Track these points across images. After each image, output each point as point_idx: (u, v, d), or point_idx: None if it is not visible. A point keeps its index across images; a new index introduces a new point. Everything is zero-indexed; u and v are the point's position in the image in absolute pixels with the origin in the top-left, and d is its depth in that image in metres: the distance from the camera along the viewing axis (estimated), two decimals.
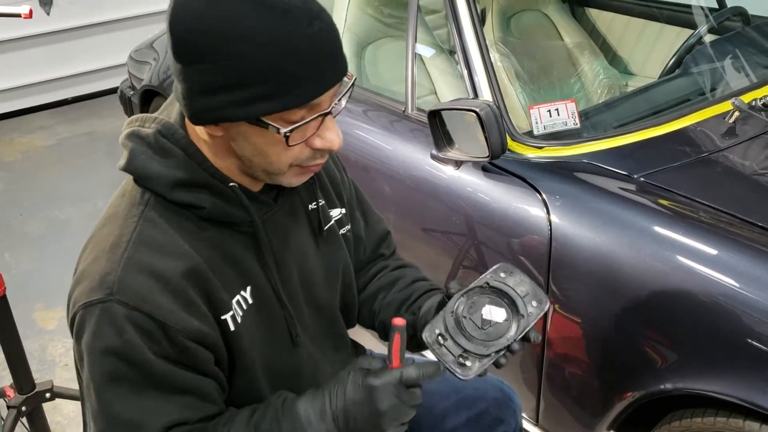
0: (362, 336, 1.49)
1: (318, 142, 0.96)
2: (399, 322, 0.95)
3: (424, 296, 1.24)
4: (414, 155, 1.96)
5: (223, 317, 1.00)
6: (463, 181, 1.82)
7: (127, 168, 0.99)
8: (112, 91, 4.86)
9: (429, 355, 1.06)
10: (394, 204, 2.04)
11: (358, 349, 1.38)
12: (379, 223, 1.37)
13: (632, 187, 1.60)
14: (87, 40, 4.99)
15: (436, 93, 2.25)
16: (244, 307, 1.03)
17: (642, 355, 1.49)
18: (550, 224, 1.61)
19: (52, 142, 4.61)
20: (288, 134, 0.90)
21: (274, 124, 0.90)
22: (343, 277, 1.23)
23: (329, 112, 0.94)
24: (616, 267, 1.49)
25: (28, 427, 2.01)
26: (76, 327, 0.95)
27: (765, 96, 1.76)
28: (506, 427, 1.37)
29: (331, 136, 0.96)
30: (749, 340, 1.30)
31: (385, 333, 1.25)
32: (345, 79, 0.94)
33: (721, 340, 1.35)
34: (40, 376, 2.49)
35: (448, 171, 1.86)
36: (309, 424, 0.98)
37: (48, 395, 1.99)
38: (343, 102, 0.97)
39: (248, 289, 1.04)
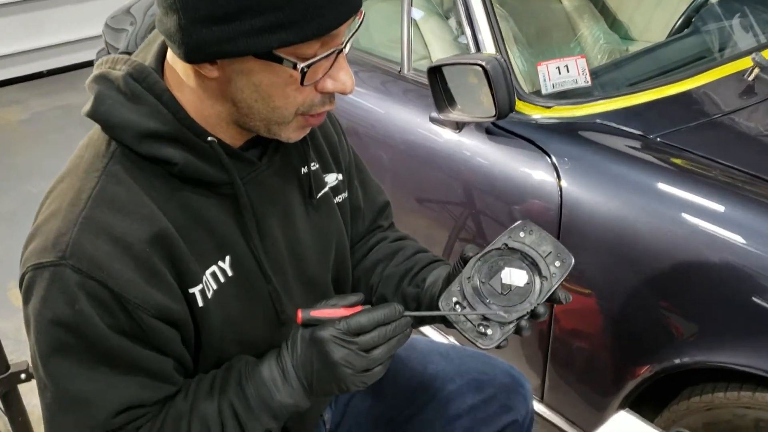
0: None
1: (330, 84, 0.85)
2: None
3: (427, 268, 1.13)
4: (411, 118, 1.84)
5: (190, 291, 0.88)
6: (465, 145, 1.70)
7: (92, 114, 0.86)
8: (88, 63, 4.71)
9: (428, 331, 0.94)
10: (389, 172, 1.92)
11: None
12: (379, 194, 1.26)
13: (649, 148, 1.50)
14: (63, 9, 4.81)
15: (430, 58, 2.14)
16: (221, 280, 0.92)
17: (658, 327, 1.39)
18: (560, 190, 1.50)
19: (25, 116, 4.46)
20: (306, 69, 0.79)
21: (289, 58, 0.78)
22: (336, 249, 1.11)
23: (343, 49, 0.82)
24: (631, 233, 1.39)
25: (2, 409, 1.90)
26: (24, 289, 0.84)
27: None
28: (515, 414, 1.27)
29: (344, 77, 0.85)
30: None
31: None
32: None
33: (745, 309, 1.25)
34: (15, 357, 2.37)
35: (447, 135, 1.74)
36: (274, 385, 0.90)
37: (23, 376, 1.88)
38: (348, 46, 0.85)
39: (227, 259, 0.92)
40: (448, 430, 1.26)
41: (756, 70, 1.62)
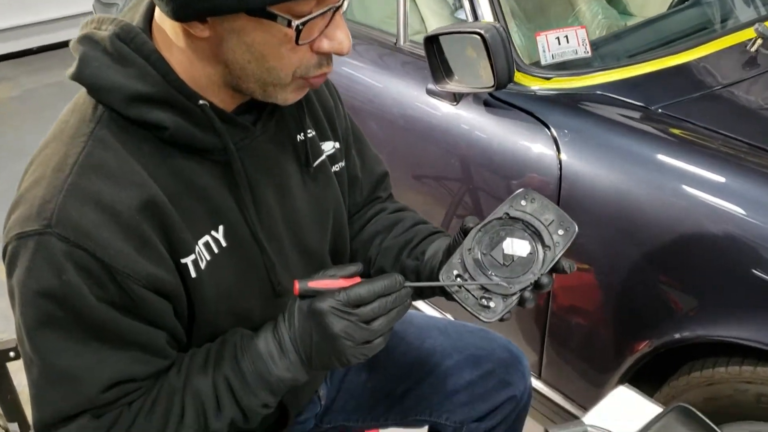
0: None
1: (326, 44, 0.81)
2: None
3: (426, 240, 1.10)
4: (407, 91, 1.81)
5: (182, 261, 0.85)
6: (463, 118, 1.67)
7: (77, 77, 0.82)
8: None
9: (425, 307, 0.92)
10: (385, 145, 1.88)
11: None
12: (377, 164, 1.22)
13: (650, 119, 1.47)
14: None
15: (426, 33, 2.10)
16: (215, 250, 0.89)
17: (658, 301, 1.37)
18: (560, 163, 1.47)
19: (16, 93, 4.40)
20: (301, 27, 0.75)
21: (284, 15, 0.74)
22: (334, 219, 1.08)
23: (340, 5, 0.79)
24: (632, 206, 1.36)
25: None
26: (8, 259, 0.80)
27: None
28: (514, 390, 1.25)
29: (341, 37, 0.81)
30: None
31: None
32: None
33: (747, 282, 1.23)
34: (5, 335, 2.35)
35: (445, 108, 1.71)
36: (271, 359, 0.87)
37: (12, 354, 1.85)
38: (346, 4, 0.81)
39: (221, 229, 0.89)
40: (445, 406, 1.24)
41: (759, 41, 1.60)
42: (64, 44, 4.97)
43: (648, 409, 1.11)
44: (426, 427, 1.33)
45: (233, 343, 0.89)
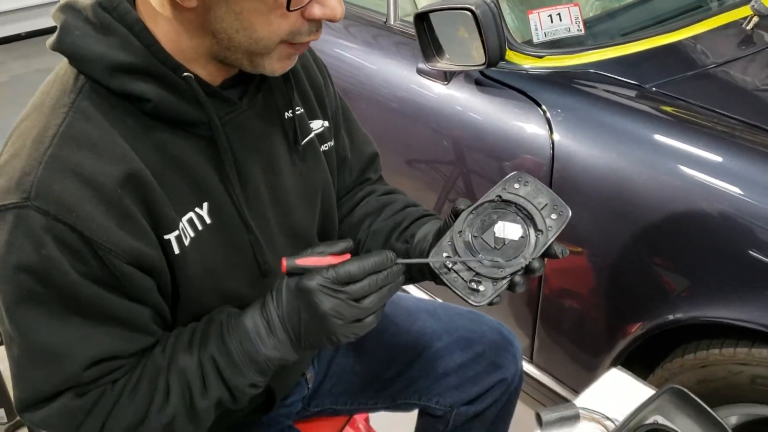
0: None
1: (317, 10, 0.78)
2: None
3: (417, 222, 1.07)
4: (397, 71, 1.77)
5: (165, 237, 0.82)
6: (454, 97, 1.64)
7: (58, 46, 0.79)
8: None
9: (412, 289, 0.90)
10: (375, 127, 1.85)
11: None
12: (367, 144, 1.19)
13: (644, 97, 1.44)
14: None
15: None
16: (199, 227, 0.86)
17: (651, 282, 1.35)
18: (552, 143, 1.44)
19: (4, 78, 4.35)
20: None
21: None
22: (323, 200, 1.05)
23: None
24: (626, 186, 1.34)
25: None
26: None
27: None
28: (504, 373, 1.23)
29: (333, 2, 0.78)
30: None
31: None
32: None
33: (742, 262, 1.21)
34: None
35: (436, 88, 1.68)
36: (259, 338, 0.85)
37: None
38: None
39: (205, 206, 0.86)
40: (435, 389, 1.23)
41: (755, 19, 1.57)
42: (52, 29, 4.91)
43: (641, 391, 1.09)
44: (416, 411, 1.31)
45: (219, 322, 0.86)
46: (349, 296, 0.80)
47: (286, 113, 0.97)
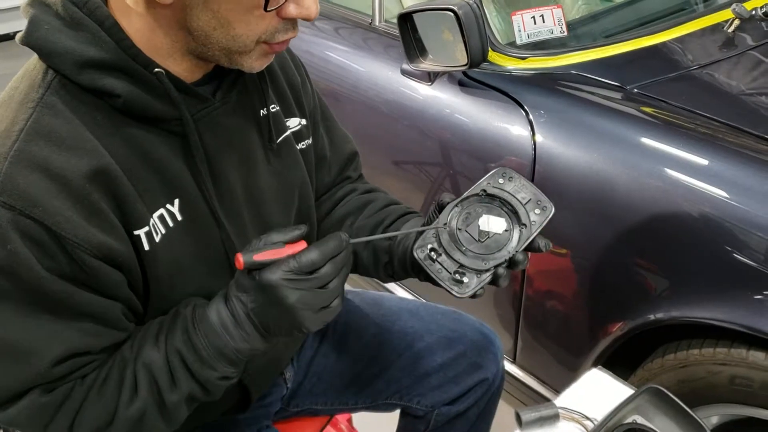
0: None
1: (293, 9, 0.78)
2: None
3: (400, 220, 1.07)
4: (381, 72, 1.77)
5: (136, 232, 0.82)
6: (437, 98, 1.64)
7: (26, 41, 0.78)
8: None
9: (395, 289, 0.89)
10: (358, 128, 1.85)
11: None
12: (346, 142, 1.19)
13: (626, 99, 1.45)
14: None
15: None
16: (170, 224, 0.85)
17: (632, 283, 1.36)
18: (534, 144, 1.45)
19: None
20: None
21: None
22: (300, 200, 1.05)
23: None
24: (607, 187, 1.34)
25: None
26: None
27: (766, 5, 1.61)
28: (485, 373, 1.23)
29: (308, 2, 0.78)
30: (750, 261, 1.18)
31: (352, 262, 1.10)
32: None
33: (722, 262, 1.22)
34: None
35: (420, 89, 1.68)
36: (226, 331, 0.83)
37: None
38: None
39: (176, 202, 0.86)
40: (416, 389, 1.22)
41: (736, 22, 1.58)
42: None
43: (621, 391, 1.10)
44: (397, 411, 1.30)
45: (185, 316, 0.85)
46: (314, 284, 0.79)
47: (262, 111, 0.96)
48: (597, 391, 1.11)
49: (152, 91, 0.80)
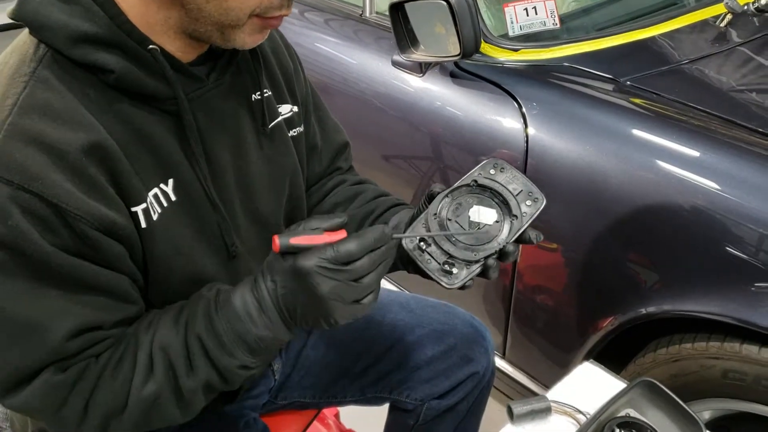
0: None
1: None
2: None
3: (390, 211, 1.06)
4: (372, 63, 1.75)
5: (133, 209, 0.80)
6: (428, 90, 1.62)
7: (17, 14, 0.76)
8: None
9: (382, 283, 0.88)
10: (349, 118, 1.83)
11: None
12: (337, 132, 1.17)
13: (619, 91, 1.44)
14: None
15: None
16: (165, 204, 0.83)
17: (624, 276, 1.35)
18: (527, 136, 1.43)
19: None
20: None
21: None
22: (290, 189, 1.03)
23: None
24: (600, 180, 1.33)
25: None
26: None
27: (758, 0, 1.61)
28: (476, 366, 1.21)
29: None
30: (743, 253, 1.17)
31: None
32: None
33: (715, 255, 1.21)
34: None
35: (411, 81, 1.66)
36: (249, 318, 0.80)
37: None
38: None
39: (170, 182, 0.84)
40: (406, 383, 1.20)
41: (728, 16, 1.57)
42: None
43: (613, 384, 1.09)
44: (386, 406, 1.29)
45: (207, 299, 0.83)
46: (349, 276, 0.76)
47: (254, 95, 0.94)
48: (589, 384, 1.10)
49: (146, 68, 0.78)
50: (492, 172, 0.89)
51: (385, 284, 2.02)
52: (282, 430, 1.21)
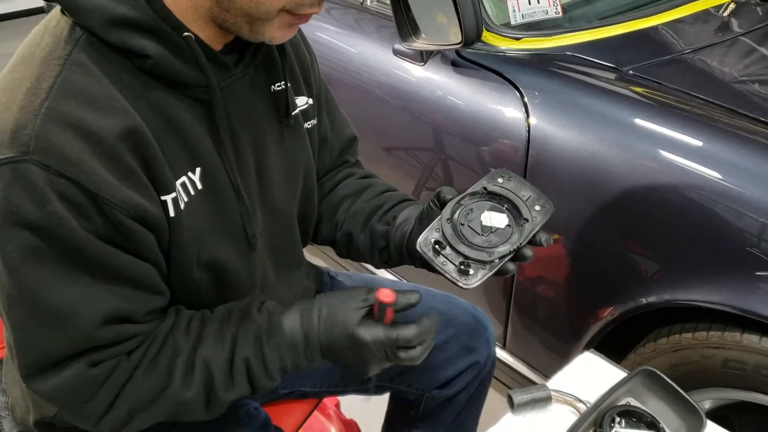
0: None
1: None
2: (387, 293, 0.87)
3: (398, 206, 1.07)
4: (373, 52, 1.74)
5: (163, 198, 0.79)
6: (430, 79, 1.61)
7: None
8: (38, 10, 4.45)
9: (384, 273, 0.89)
10: (351, 108, 1.82)
11: (312, 270, 1.21)
12: (346, 126, 1.18)
13: (621, 80, 1.43)
14: None
15: None
16: (191, 192, 0.83)
17: (624, 266, 1.35)
18: (528, 126, 1.43)
19: None
20: None
21: None
22: (304, 181, 1.03)
23: None
24: (601, 169, 1.33)
25: None
26: None
27: None
28: (477, 356, 1.22)
29: None
30: (744, 243, 1.17)
31: (346, 246, 1.10)
32: None
33: (716, 244, 1.21)
34: None
35: (412, 70, 1.65)
36: (295, 349, 0.87)
37: None
38: None
39: (197, 171, 0.83)
40: (407, 372, 1.21)
41: (731, 6, 1.57)
42: (22, 13, 4.80)
43: (613, 374, 1.08)
44: (387, 395, 1.29)
45: (259, 324, 0.87)
46: (398, 359, 0.86)
47: (273, 86, 0.94)
48: (590, 373, 1.10)
49: (181, 55, 0.77)
50: (500, 180, 0.94)
51: (387, 275, 2.02)
52: (283, 419, 1.21)
